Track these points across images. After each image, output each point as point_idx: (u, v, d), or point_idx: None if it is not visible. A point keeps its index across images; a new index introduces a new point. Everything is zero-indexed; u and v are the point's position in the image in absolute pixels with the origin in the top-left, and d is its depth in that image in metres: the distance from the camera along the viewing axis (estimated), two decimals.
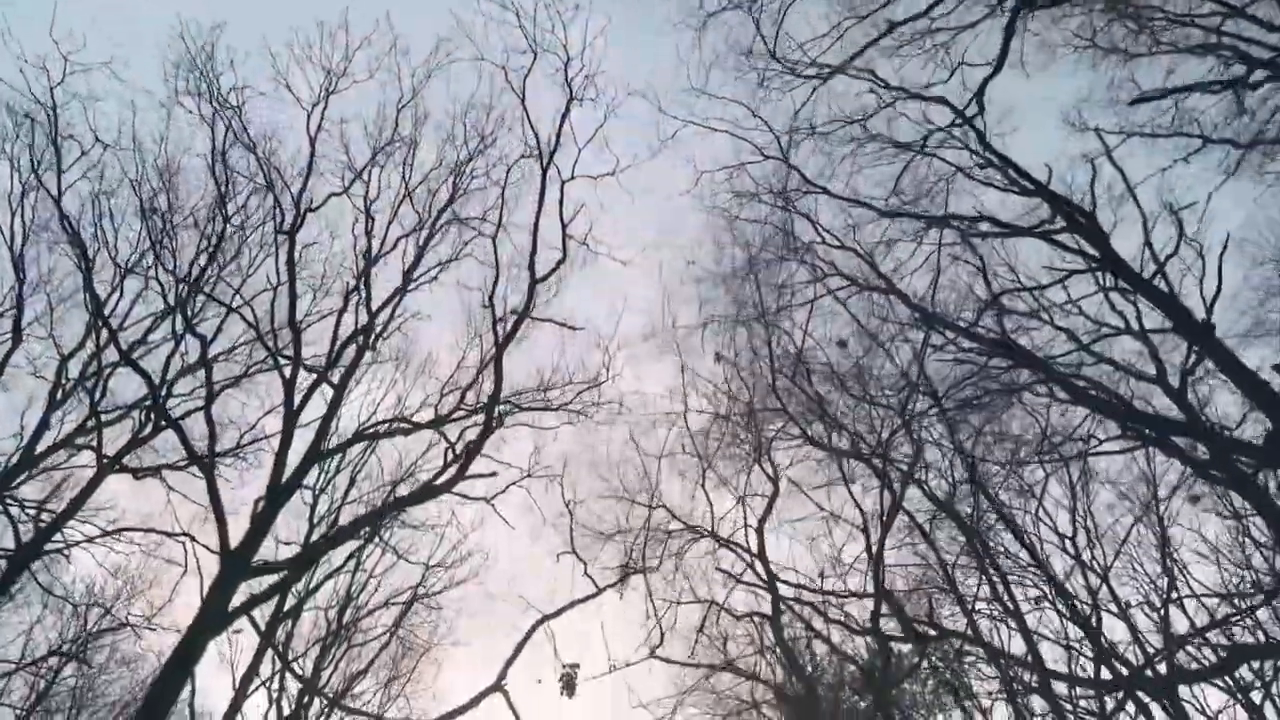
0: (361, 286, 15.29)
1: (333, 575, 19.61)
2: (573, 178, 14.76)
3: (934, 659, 14.05)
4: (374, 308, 15.20)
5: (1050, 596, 17.23)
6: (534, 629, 14.07)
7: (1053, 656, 16.88)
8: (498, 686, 13.11)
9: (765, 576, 18.46)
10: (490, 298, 14.21)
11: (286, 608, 17.93)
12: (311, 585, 18.33)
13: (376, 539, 16.76)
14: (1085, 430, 18.12)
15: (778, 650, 17.60)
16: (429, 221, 15.73)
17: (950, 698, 14.57)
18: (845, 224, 17.83)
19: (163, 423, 14.83)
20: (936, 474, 17.68)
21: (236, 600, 12.35)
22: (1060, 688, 14.94)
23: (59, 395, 19.34)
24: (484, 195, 15.75)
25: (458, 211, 15.83)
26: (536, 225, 14.71)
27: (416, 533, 20.02)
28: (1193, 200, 16.90)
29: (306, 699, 17.70)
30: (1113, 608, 17.64)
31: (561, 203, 14.68)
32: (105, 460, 16.31)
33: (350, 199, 15.46)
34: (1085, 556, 17.88)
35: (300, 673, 17.14)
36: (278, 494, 13.31)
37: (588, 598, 14.71)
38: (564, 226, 14.37)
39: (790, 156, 16.37)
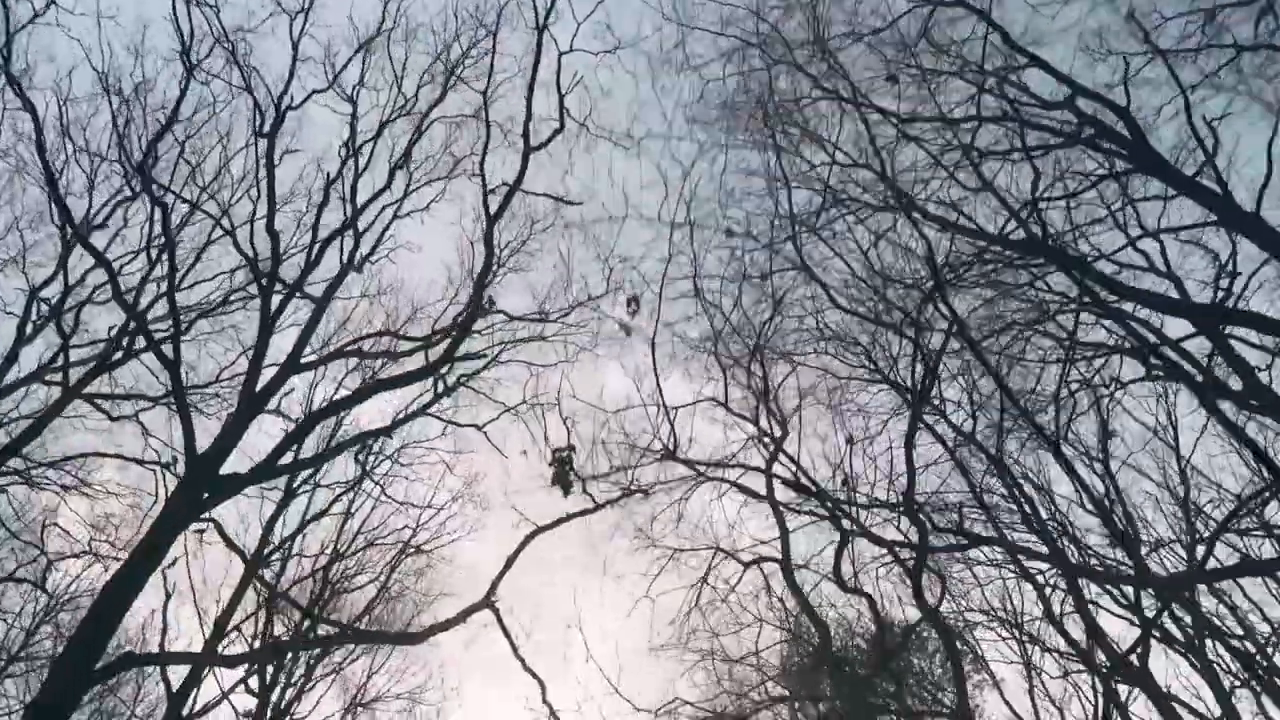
0: (344, 185, 14.25)
1: (318, 517, 18.53)
2: (570, 50, 13.73)
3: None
4: (359, 204, 14.11)
5: (1081, 502, 16.27)
6: (526, 542, 12.99)
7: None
8: (487, 603, 12.04)
9: (776, 516, 17.40)
10: (481, 165, 13.17)
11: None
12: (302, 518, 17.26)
13: (364, 451, 15.65)
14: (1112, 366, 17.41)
15: (787, 593, 16.50)
16: (418, 116, 14.69)
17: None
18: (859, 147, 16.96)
19: (136, 336, 13.63)
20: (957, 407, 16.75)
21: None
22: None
23: (28, 331, 18.36)
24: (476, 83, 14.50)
25: (447, 111, 14.80)
26: (531, 89, 13.59)
27: (406, 472, 19.03)
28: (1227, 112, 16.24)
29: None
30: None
31: (559, 74, 13.59)
32: (69, 386, 15.24)
33: (336, 90, 14.43)
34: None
35: (278, 590, 15.93)
36: (251, 401, 12.23)
37: (585, 512, 13.60)
38: (561, 98, 13.38)
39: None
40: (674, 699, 14.52)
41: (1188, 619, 19.16)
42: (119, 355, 15.70)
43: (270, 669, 19.35)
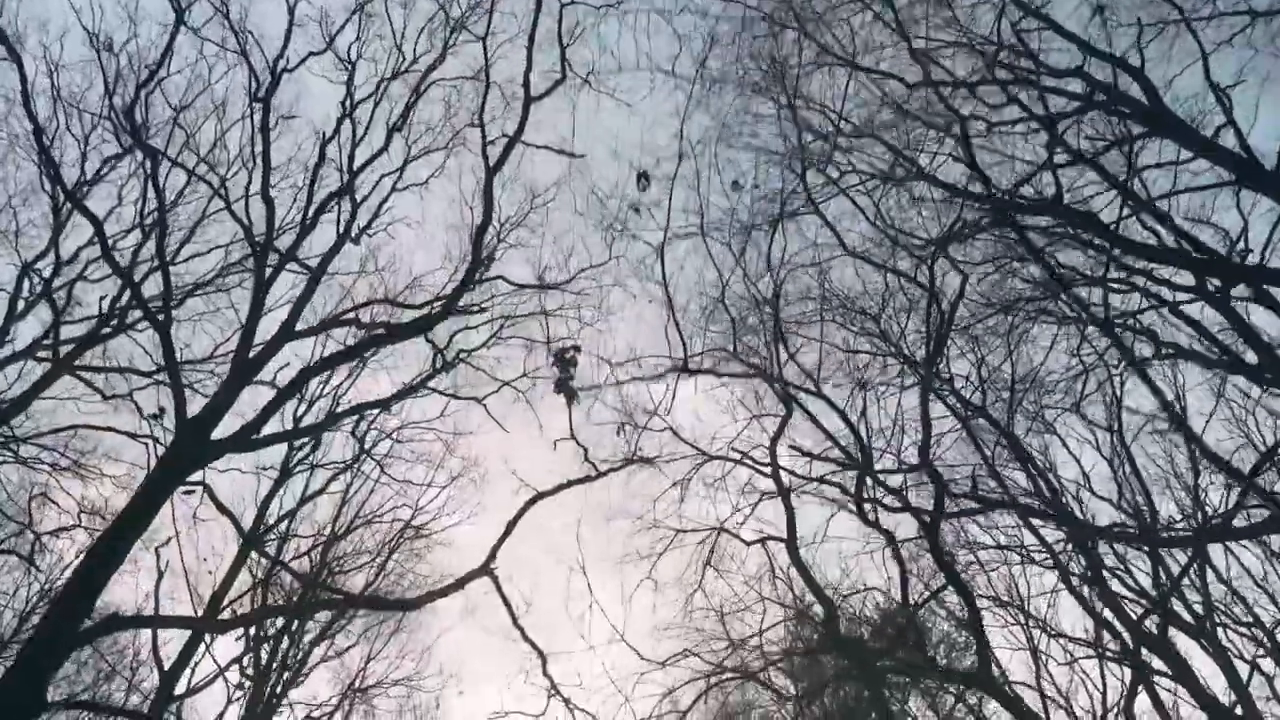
0: (340, 148, 13.91)
1: (316, 495, 18.19)
2: (572, 1, 13.35)
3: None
4: (354, 167, 13.76)
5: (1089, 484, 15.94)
6: (526, 508, 12.65)
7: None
8: (485, 570, 11.69)
9: (781, 494, 17.07)
10: (480, 115, 12.83)
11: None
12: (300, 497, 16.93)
13: (361, 423, 15.30)
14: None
15: (793, 571, 16.17)
16: (417, 78, 14.34)
17: None
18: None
19: (127, 302, 13.27)
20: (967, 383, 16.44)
21: None
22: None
23: (20, 307, 18.05)
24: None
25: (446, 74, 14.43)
26: (532, 38, 13.17)
27: (405, 452, 18.71)
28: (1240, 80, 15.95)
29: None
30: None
31: (560, 22, 13.16)
32: (59, 358, 14.92)
33: (333, 54, 14.09)
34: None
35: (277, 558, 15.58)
36: (243, 368, 11.89)
37: (586, 479, 13.26)
38: (563, 49, 13.03)
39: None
40: (682, 650, 14.25)
41: (1198, 605, 18.96)
42: (112, 326, 15.38)
43: (265, 653, 19.04)
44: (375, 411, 14.78)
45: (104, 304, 15.68)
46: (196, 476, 11.13)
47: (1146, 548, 13.21)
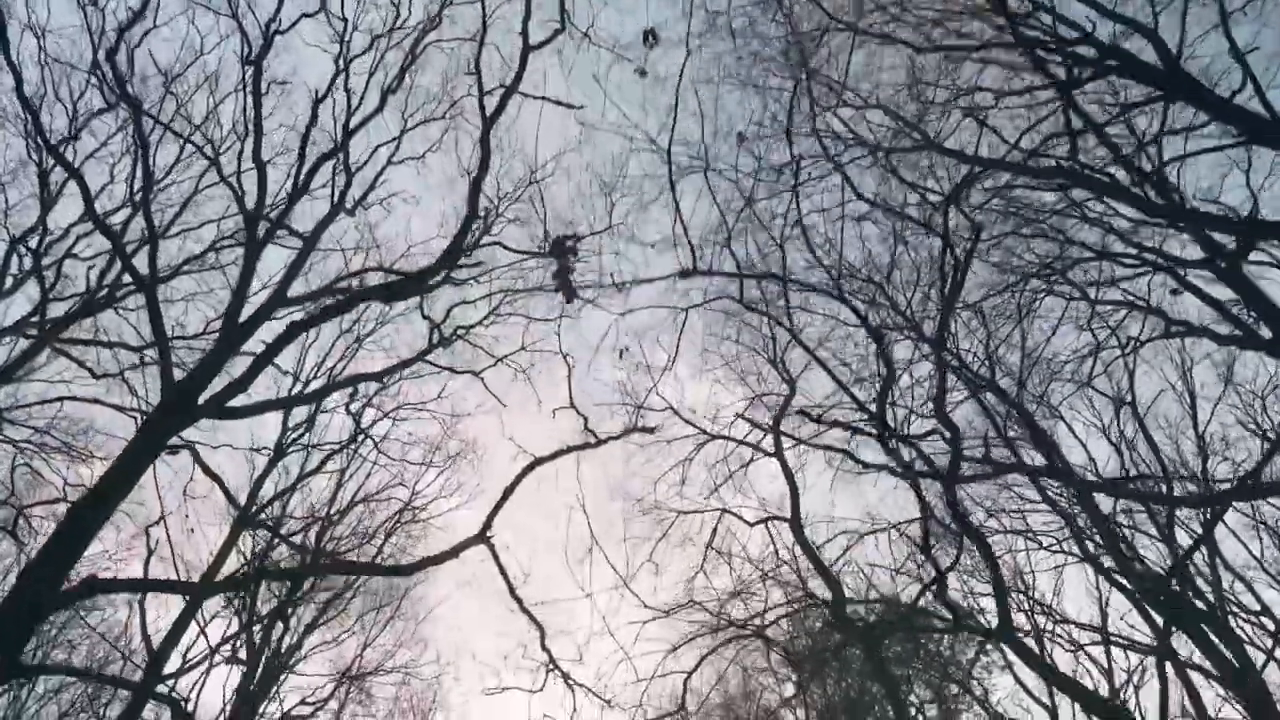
0: (334, 103, 13.51)
1: (311, 474, 17.79)
2: None
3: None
4: (349, 126, 13.35)
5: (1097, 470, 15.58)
6: (525, 473, 12.27)
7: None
8: (482, 537, 11.30)
9: (785, 473, 16.74)
10: (476, 63, 12.42)
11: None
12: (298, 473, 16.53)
13: (356, 397, 14.91)
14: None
15: (798, 550, 15.84)
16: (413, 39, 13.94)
17: None
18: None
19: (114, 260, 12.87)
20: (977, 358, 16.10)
21: None
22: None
23: (8, 284, 17.67)
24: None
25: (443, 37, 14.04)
26: None
27: (401, 434, 18.36)
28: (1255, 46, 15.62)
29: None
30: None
31: None
32: (46, 329, 14.55)
33: (327, 14, 13.69)
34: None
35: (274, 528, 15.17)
36: (233, 332, 11.51)
37: (586, 445, 12.87)
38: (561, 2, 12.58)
39: None
40: (688, 600, 13.91)
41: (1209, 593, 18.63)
42: (101, 299, 15.01)
43: (258, 638, 18.65)
44: (371, 386, 14.40)
45: (91, 275, 15.30)
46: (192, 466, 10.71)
47: (1164, 509, 12.80)
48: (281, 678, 19.12)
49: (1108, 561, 14.85)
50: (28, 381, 17.39)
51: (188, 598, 11.63)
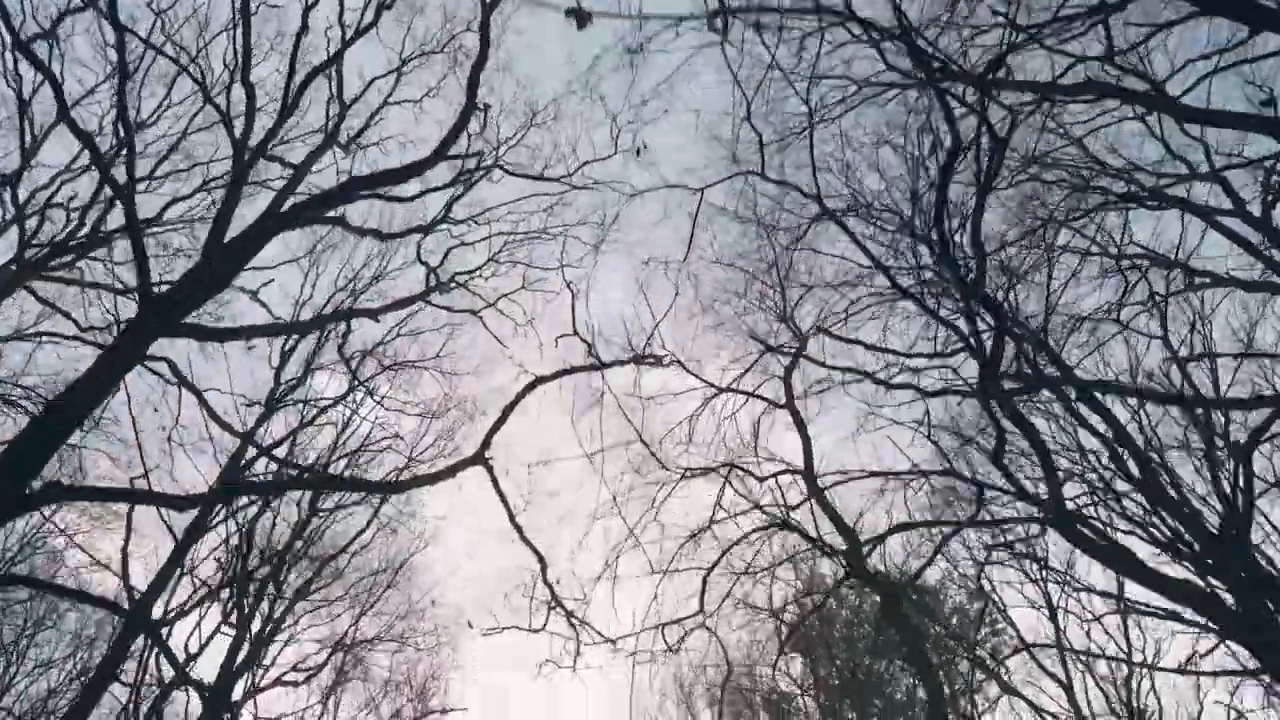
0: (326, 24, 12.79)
1: (307, 424, 17.05)
2: None
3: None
4: (343, 38, 12.61)
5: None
6: (525, 392, 11.53)
7: None
8: (479, 458, 10.57)
9: (797, 423, 16.06)
10: None
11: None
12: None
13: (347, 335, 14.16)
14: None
15: (814, 504, 15.14)
16: None
17: None
18: None
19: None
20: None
21: None
22: None
23: None
24: None
25: None
26: None
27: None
28: None
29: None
30: None
31: None
32: (25, 264, 13.85)
33: None
34: None
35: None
36: (217, 252, 10.79)
37: (588, 368, 12.11)
38: None
39: None
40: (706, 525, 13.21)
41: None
42: (84, 238, 14.32)
43: (248, 604, 17.92)
44: (368, 344, 13.65)
45: (72, 204, 14.58)
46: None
47: (1200, 412, 12.06)
48: (272, 642, 18.42)
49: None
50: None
51: (166, 518, 10.90)
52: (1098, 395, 11.75)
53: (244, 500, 16.47)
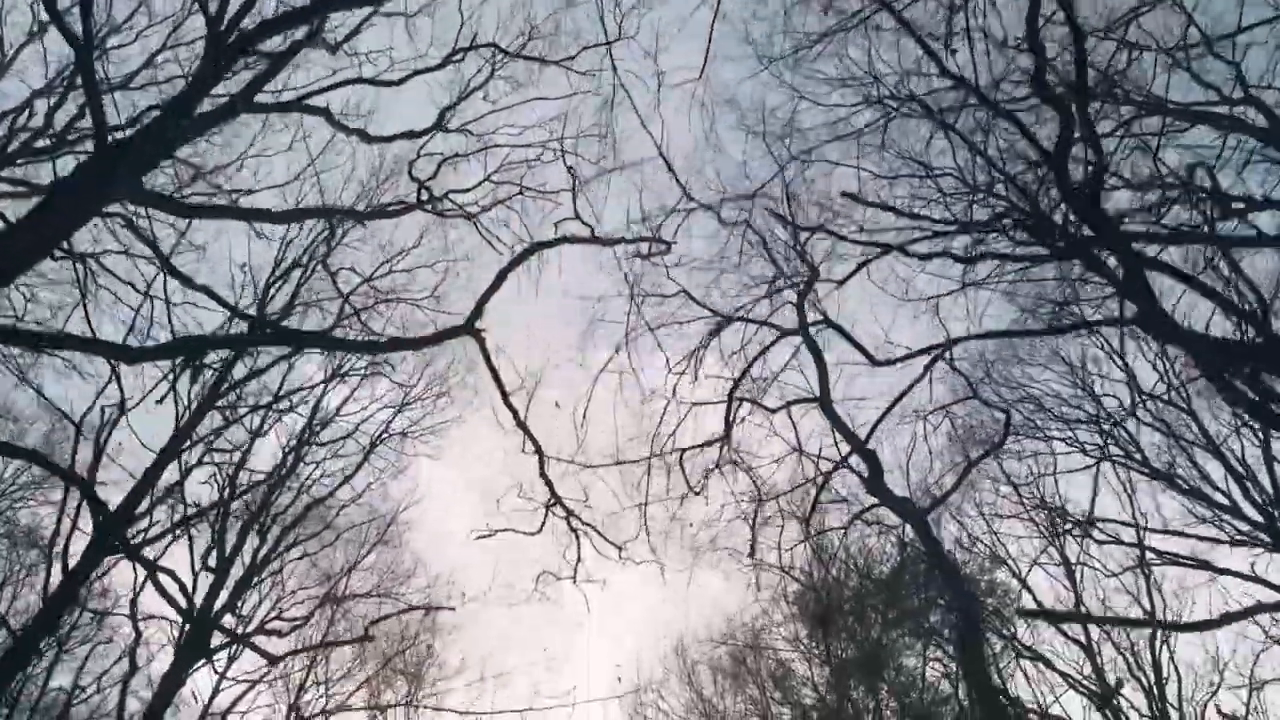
0: None
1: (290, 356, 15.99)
2: None
3: None
4: None
5: None
6: (522, 258, 10.52)
7: None
8: (469, 328, 9.57)
9: (811, 350, 15.15)
10: None
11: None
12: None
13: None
14: None
15: (834, 430, 14.24)
16: None
17: None
18: None
19: None
20: None
21: None
22: None
23: None
24: None
25: None
26: None
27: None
28: None
29: None
30: None
31: None
32: None
33: None
34: None
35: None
36: (173, 109, 9.76)
37: (591, 240, 11.05)
38: None
39: None
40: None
41: None
42: (50, 138, 13.32)
43: (229, 545, 16.91)
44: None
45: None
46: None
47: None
48: (256, 583, 17.46)
49: None
50: None
51: (112, 366, 9.84)
52: None
53: (228, 431, 15.51)
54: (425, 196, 14.38)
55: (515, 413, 9.90)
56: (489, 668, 22.30)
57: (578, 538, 10.50)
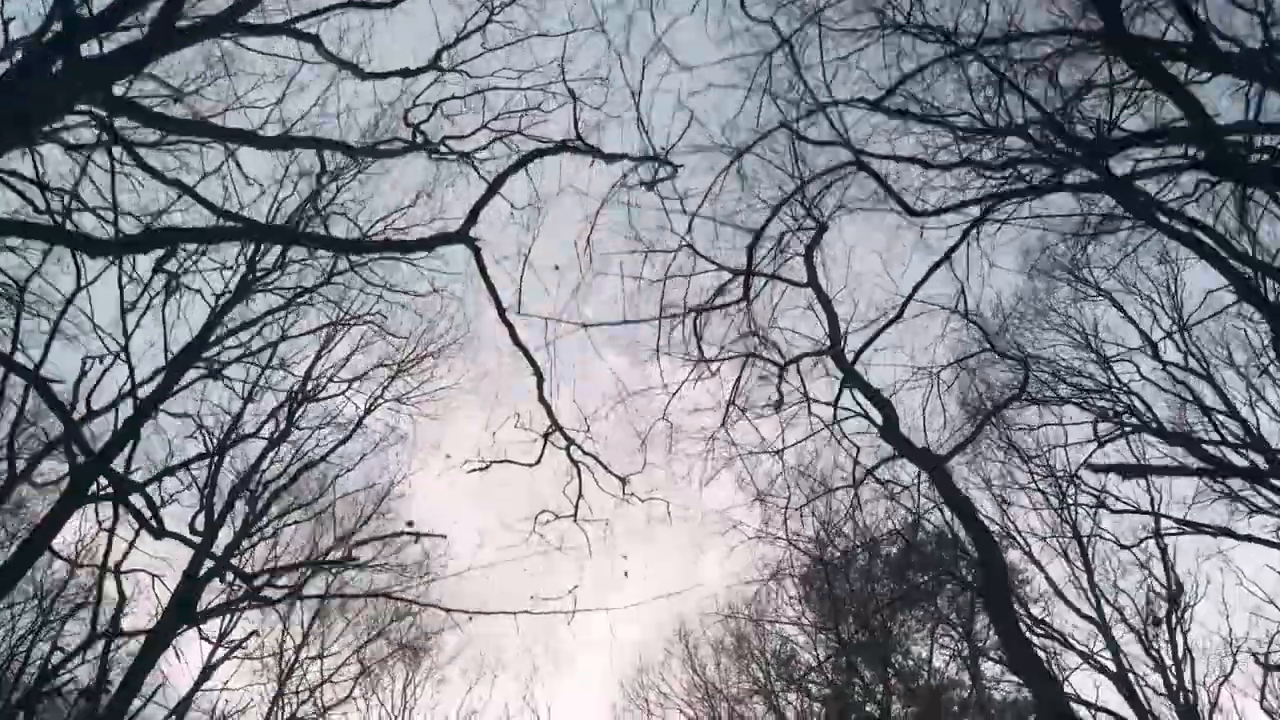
0: None
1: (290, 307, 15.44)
2: None
3: None
4: None
5: None
6: (519, 165, 9.86)
7: None
8: (463, 235, 8.96)
9: (821, 300, 14.60)
10: None
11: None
12: None
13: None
14: None
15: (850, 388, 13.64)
16: None
17: None
18: None
19: None
20: None
21: None
22: None
23: None
24: None
25: None
26: None
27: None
28: None
29: None
30: None
31: None
32: None
33: None
34: None
35: None
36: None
37: (591, 151, 10.34)
38: None
39: None
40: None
41: None
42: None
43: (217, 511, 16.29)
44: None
45: None
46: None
47: None
48: (247, 549, 16.88)
49: None
50: None
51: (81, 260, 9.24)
52: None
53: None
54: (421, 140, 13.89)
55: (511, 329, 9.32)
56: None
57: (579, 470, 9.91)
